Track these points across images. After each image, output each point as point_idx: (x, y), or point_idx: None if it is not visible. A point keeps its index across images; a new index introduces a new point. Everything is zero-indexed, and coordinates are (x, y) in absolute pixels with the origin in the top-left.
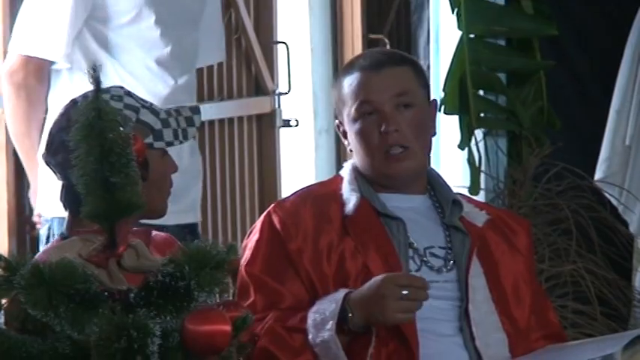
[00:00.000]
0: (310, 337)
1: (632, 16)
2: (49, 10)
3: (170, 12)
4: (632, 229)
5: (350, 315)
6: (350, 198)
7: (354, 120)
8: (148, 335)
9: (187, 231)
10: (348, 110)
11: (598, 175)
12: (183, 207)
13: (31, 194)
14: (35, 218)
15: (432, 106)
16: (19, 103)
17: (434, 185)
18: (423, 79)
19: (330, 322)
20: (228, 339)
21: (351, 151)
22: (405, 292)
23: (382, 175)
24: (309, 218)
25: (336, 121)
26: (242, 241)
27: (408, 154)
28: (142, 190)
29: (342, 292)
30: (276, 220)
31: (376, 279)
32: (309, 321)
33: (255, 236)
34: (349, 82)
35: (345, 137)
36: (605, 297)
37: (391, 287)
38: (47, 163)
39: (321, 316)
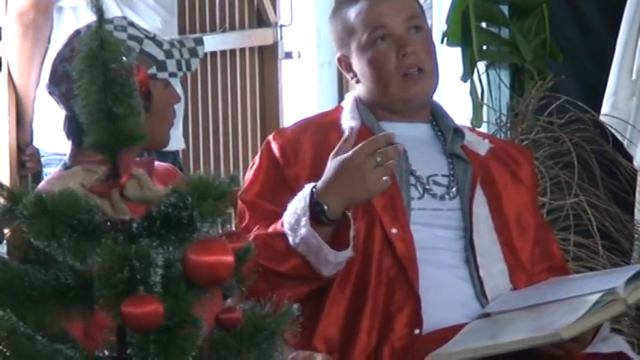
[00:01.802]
0: (291, 240)
1: None
2: None
3: None
4: (636, 163)
5: (325, 207)
6: (348, 126)
7: (366, 47)
8: (151, 265)
9: (171, 157)
10: (358, 39)
11: (605, 109)
12: (177, 134)
13: (22, 131)
14: (25, 157)
15: None
16: (25, 43)
17: (436, 115)
18: (420, 5)
19: (304, 219)
20: (231, 269)
21: (357, 82)
22: (378, 159)
23: (399, 100)
24: (308, 146)
25: (338, 54)
26: (243, 173)
27: (424, 76)
28: (144, 120)
29: (308, 187)
30: (275, 146)
31: (338, 159)
32: (286, 225)
33: (255, 163)
34: (357, 11)
35: (349, 70)
36: (607, 230)
37: (363, 158)
38: (50, 94)
39: (295, 216)
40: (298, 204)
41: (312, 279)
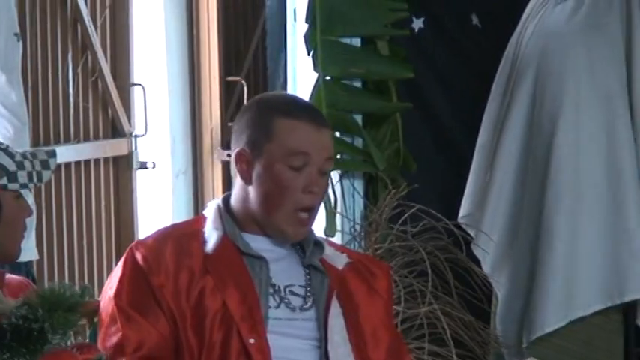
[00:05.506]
0: None
1: (491, 57)
2: None
3: (8, 60)
4: (485, 269)
5: None
6: (211, 236)
7: (280, 162)
8: None
9: (25, 268)
10: (276, 150)
11: (461, 212)
12: (30, 245)
13: None
14: None
15: None
16: None
17: None
18: None
19: None
20: None
21: (247, 184)
22: None
23: (277, 229)
24: (170, 255)
25: (239, 148)
26: (98, 285)
27: (311, 219)
28: None
29: None
30: (138, 256)
31: None
32: None
33: (118, 272)
34: (290, 126)
35: (248, 168)
36: (461, 338)
37: None
38: None
39: None
40: None
41: None
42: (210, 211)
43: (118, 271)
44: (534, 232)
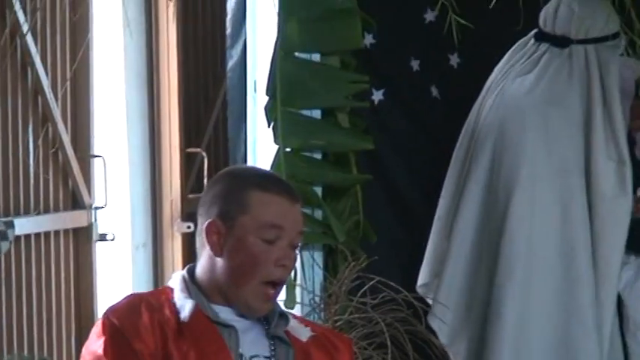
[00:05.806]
0: None
1: (450, 128)
2: None
3: None
4: (442, 339)
5: None
6: (185, 304)
7: (252, 235)
8: None
9: None
10: (250, 223)
11: (419, 280)
12: None
13: None
14: None
15: None
16: None
17: None
18: None
19: None
20: None
21: (217, 255)
22: None
23: (243, 302)
24: (145, 318)
25: (211, 219)
26: (57, 357)
27: (277, 294)
28: None
29: None
30: (115, 321)
31: None
32: None
33: (99, 339)
34: (266, 199)
35: (219, 239)
36: None
37: None
38: None
39: None
40: None
41: None
42: (175, 281)
43: (96, 338)
44: (488, 304)
